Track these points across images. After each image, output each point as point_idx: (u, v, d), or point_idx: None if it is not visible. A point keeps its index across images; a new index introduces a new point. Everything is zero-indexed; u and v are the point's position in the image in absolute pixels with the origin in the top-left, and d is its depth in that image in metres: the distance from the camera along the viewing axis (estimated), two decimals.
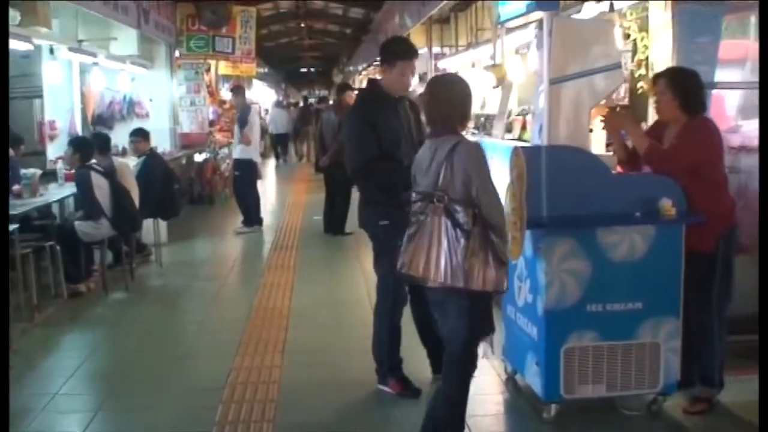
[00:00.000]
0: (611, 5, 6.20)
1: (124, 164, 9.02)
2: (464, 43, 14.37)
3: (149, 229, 9.58)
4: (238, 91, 12.97)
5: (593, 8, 6.51)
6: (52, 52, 10.23)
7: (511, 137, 8.28)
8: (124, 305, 7.92)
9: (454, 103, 4.05)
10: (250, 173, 12.01)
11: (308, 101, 32.09)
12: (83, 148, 8.21)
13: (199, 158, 15.22)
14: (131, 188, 8.53)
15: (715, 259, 4.57)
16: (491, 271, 3.81)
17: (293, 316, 7.16)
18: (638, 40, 6.52)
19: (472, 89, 4.18)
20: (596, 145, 5.98)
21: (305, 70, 47.40)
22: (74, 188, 8.30)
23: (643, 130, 4.89)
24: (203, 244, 11.45)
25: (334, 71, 41.94)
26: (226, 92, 17.61)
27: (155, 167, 9.47)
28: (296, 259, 9.84)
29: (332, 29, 28.38)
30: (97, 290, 8.12)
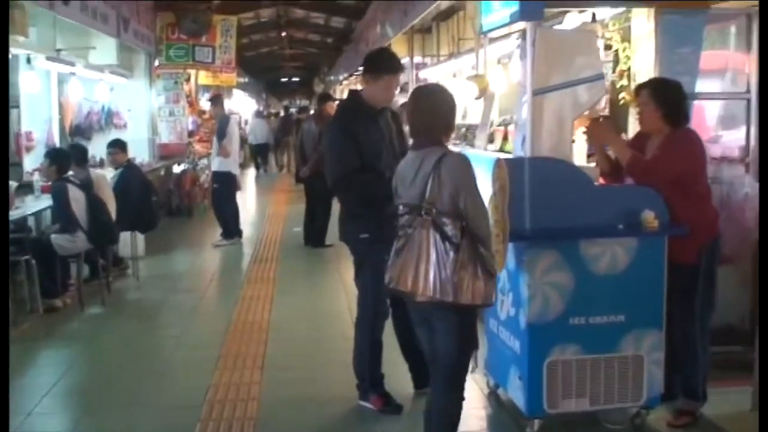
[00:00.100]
0: (593, 16, 6.17)
1: (101, 176, 8.90)
2: (446, 53, 14.33)
3: (126, 241, 9.45)
4: (216, 100, 12.82)
5: (575, 19, 6.48)
6: (29, 61, 10.12)
7: (492, 148, 8.23)
8: (100, 320, 7.81)
9: (438, 113, 3.96)
10: (228, 185, 11.91)
11: (289, 111, 32.00)
12: (60, 159, 8.11)
13: (177, 169, 15.11)
14: (108, 200, 8.41)
15: (697, 270, 4.53)
16: (480, 284, 3.73)
17: (273, 329, 7.08)
18: (620, 50, 6.50)
19: (455, 100, 4.12)
20: (577, 156, 5.95)
21: (286, 79, 47.39)
22: (51, 201, 8.18)
23: (625, 141, 4.84)
24: (181, 256, 11.32)
25: (315, 81, 41.90)
26: (206, 102, 17.48)
27: (133, 179, 9.36)
28: (276, 271, 9.75)
29: (313, 39, 28.38)
30: (73, 305, 8.00)
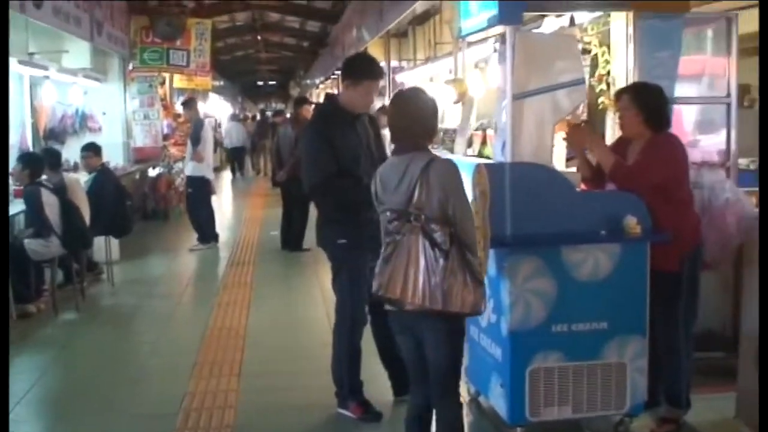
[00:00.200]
0: (572, 19, 6.15)
1: (74, 180, 8.81)
2: (422, 57, 14.34)
3: (101, 246, 9.34)
4: (190, 104, 12.66)
5: (554, 23, 6.46)
6: None
7: (471, 152, 8.18)
8: (74, 326, 7.71)
9: (421, 117, 3.88)
10: (202, 190, 11.80)
11: (265, 114, 31.85)
12: (33, 164, 7.99)
13: (152, 173, 14.98)
14: (82, 205, 8.30)
15: (680, 277, 4.49)
16: (469, 291, 3.65)
17: (250, 336, 6.99)
18: (599, 54, 6.47)
19: (436, 103, 4.05)
20: (556, 160, 5.91)
21: (262, 83, 47.27)
22: (24, 205, 8.05)
23: (607, 146, 4.80)
24: (157, 261, 11.18)
25: (291, 84, 41.83)
26: (180, 105, 17.37)
27: (107, 183, 9.24)
28: (253, 276, 9.67)
29: (289, 42, 28.30)
30: (47, 310, 7.88)
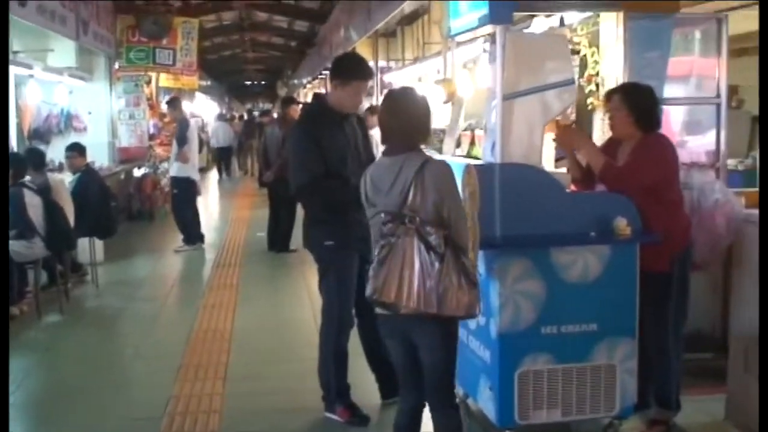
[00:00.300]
0: (561, 20, 6.10)
1: (59, 181, 8.74)
2: (411, 57, 14.30)
3: (85, 247, 9.26)
4: (174, 103, 12.49)
5: (543, 23, 6.42)
6: None
7: (460, 153, 8.15)
8: (58, 328, 7.63)
9: (414, 117, 3.79)
10: (188, 191, 11.70)
11: (252, 114, 31.74)
12: (16, 164, 7.86)
13: (138, 173, 14.89)
14: (66, 205, 8.23)
15: (670, 278, 4.45)
16: (464, 294, 3.58)
17: (235, 338, 6.93)
18: (588, 55, 6.44)
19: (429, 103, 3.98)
20: (545, 161, 5.87)
21: (249, 83, 47.14)
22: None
23: (597, 147, 4.76)
24: (142, 262, 11.09)
25: (278, 84, 41.73)
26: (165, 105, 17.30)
27: (91, 184, 9.16)
28: (239, 277, 9.60)
29: (276, 42, 28.20)
30: (30, 313, 7.80)
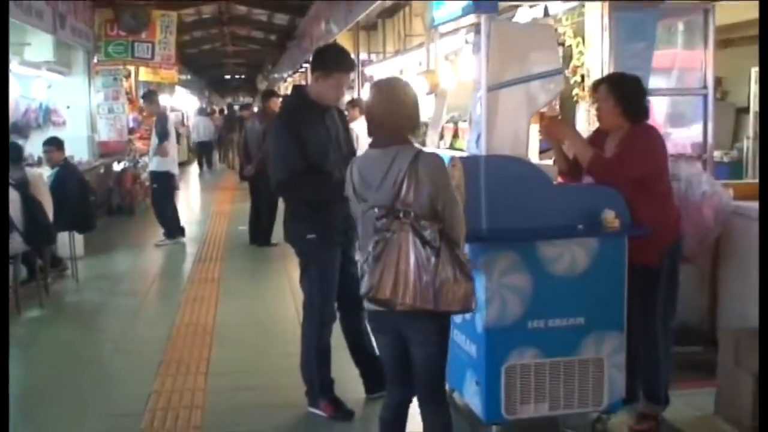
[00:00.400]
0: (546, 10, 6.05)
1: (37, 175, 8.61)
2: (392, 49, 14.23)
3: (65, 242, 9.14)
4: (151, 96, 12.36)
5: (527, 13, 6.36)
6: None
7: (443, 145, 8.08)
8: (38, 324, 7.54)
9: (404, 108, 3.69)
10: (167, 185, 11.63)
11: (232, 108, 31.56)
12: None
13: (118, 167, 14.73)
14: (44, 200, 8.11)
15: (659, 272, 4.40)
16: (460, 288, 3.51)
17: (217, 333, 6.85)
18: (573, 45, 6.39)
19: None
20: (530, 153, 5.82)
21: (229, 77, 46.86)
22: None
23: (584, 139, 4.70)
24: (122, 257, 10.98)
25: (258, 78, 41.51)
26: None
27: (70, 178, 9.04)
28: (220, 271, 9.51)
29: (256, 35, 28.01)
30: (9, 308, 7.64)
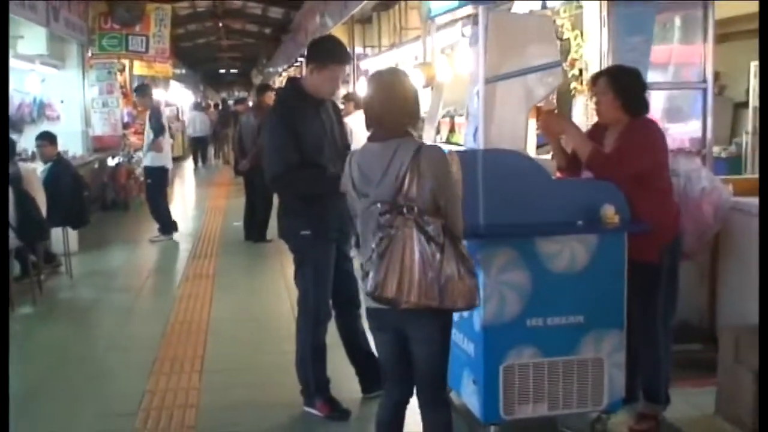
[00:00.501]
0: (543, 3, 5.97)
1: (30, 170, 8.53)
2: (387, 43, 14.13)
3: (59, 238, 9.06)
4: (144, 90, 12.19)
5: (524, 6, 6.29)
6: None
7: (439, 140, 8.02)
8: (31, 320, 7.45)
9: (404, 100, 3.59)
10: (163, 180, 11.57)
11: (226, 103, 31.45)
12: None
13: (112, 162, 14.65)
14: (37, 195, 8.02)
15: (659, 269, 4.33)
16: (464, 284, 3.44)
17: (212, 330, 6.78)
18: (571, 38, 6.31)
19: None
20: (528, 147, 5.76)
21: (224, 71, 46.77)
22: None
23: (583, 133, 4.62)
24: (117, 252, 10.89)
25: (253, 72, 41.43)
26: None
27: (63, 173, 8.94)
28: (215, 268, 9.44)
29: (251, 29, 27.95)
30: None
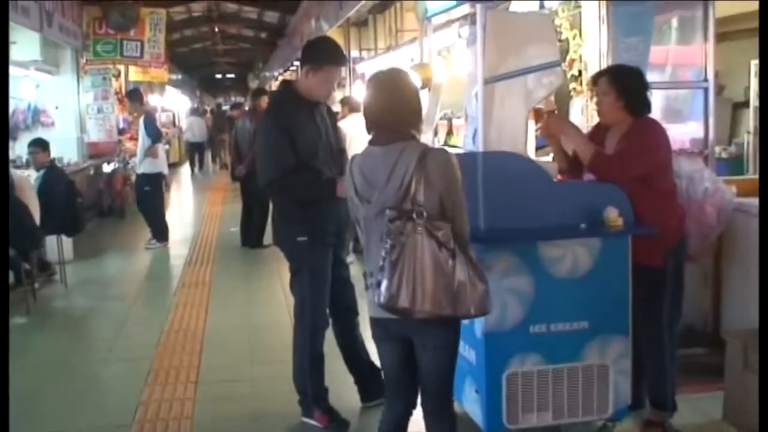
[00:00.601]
0: (541, 3, 5.88)
1: (23, 178, 8.46)
2: (383, 46, 14.06)
3: (53, 246, 8.96)
4: (134, 95, 12.00)
5: (522, 6, 6.20)
6: None
7: (436, 142, 7.92)
8: (24, 330, 7.29)
9: (408, 102, 3.46)
10: (159, 186, 11.49)
11: (221, 108, 31.31)
12: None
13: (107, 168, 14.53)
14: (31, 203, 7.93)
15: (664, 273, 4.22)
16: (476, 291, 3.32)
17: (208, 339, 6.67)
18: (570, 38, 6.22)
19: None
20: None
21: (220, 76, 46.69)
22: None
23: (584, 134, 4.52)
24: (112, 260, 10.79)
25: (249, 77, 41.37)
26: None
27: (56, 180, 8.85)
28: (212, 275, 9.33)
29: (247, 34, 27.86)
30: None
